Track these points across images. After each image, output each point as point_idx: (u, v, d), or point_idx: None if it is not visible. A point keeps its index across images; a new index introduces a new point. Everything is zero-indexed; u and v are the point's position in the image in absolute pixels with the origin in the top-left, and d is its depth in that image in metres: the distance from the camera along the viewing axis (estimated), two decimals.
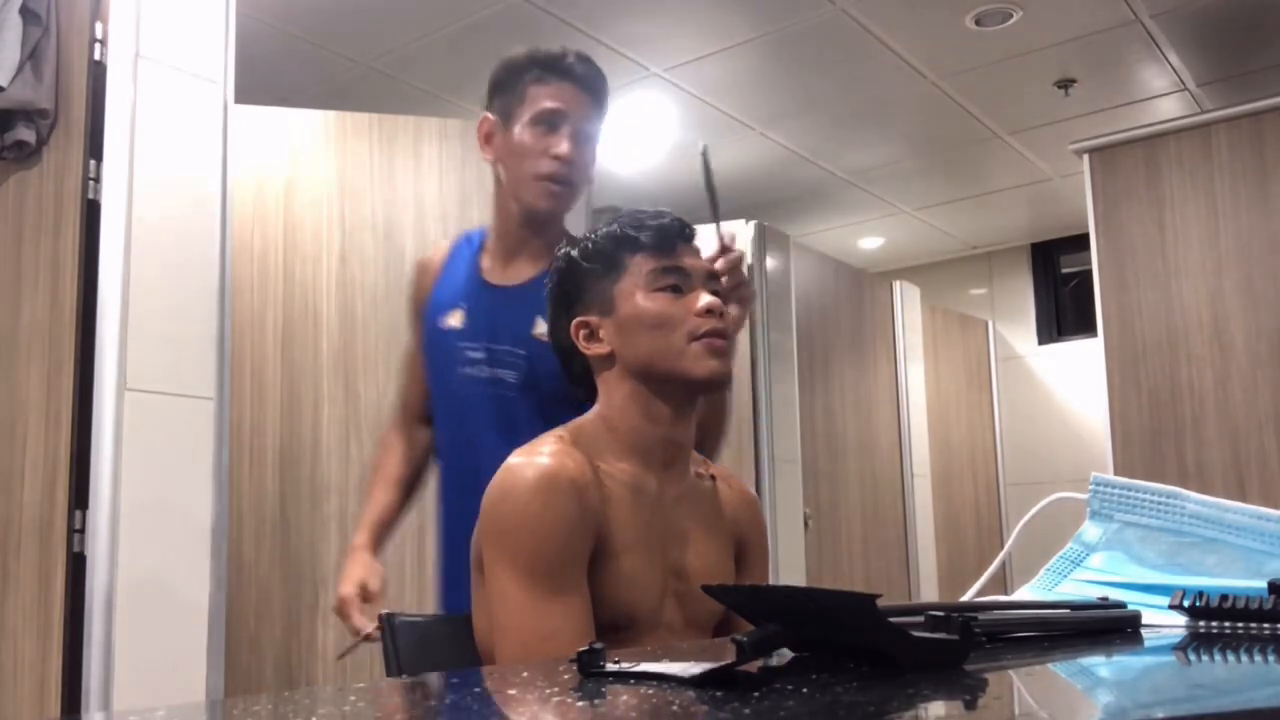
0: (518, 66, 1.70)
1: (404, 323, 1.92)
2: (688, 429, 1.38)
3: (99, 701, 2.18)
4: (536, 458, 1.27)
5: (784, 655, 0.76)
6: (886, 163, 5.00)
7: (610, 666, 0.70)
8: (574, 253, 1.40)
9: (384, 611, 1.37)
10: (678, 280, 1.36)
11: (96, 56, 2.41)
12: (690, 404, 1.37)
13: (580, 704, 0.64)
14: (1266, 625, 0.88)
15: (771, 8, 3.58)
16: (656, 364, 1.33)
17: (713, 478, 1.45)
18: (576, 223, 3.19)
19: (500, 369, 1.66)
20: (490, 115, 1.73)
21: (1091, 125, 4.25)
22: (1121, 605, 0.97)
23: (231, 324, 2.54)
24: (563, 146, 1.66)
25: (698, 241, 1.42)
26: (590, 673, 0.70)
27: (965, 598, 1.15)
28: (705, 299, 1.35)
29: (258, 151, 2.95)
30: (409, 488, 1.85)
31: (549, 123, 1.67)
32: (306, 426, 2.92)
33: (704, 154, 1.57)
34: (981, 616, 0.83)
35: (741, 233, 4.24)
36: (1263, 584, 0.94)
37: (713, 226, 1.56)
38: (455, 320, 1.71)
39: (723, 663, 0.66)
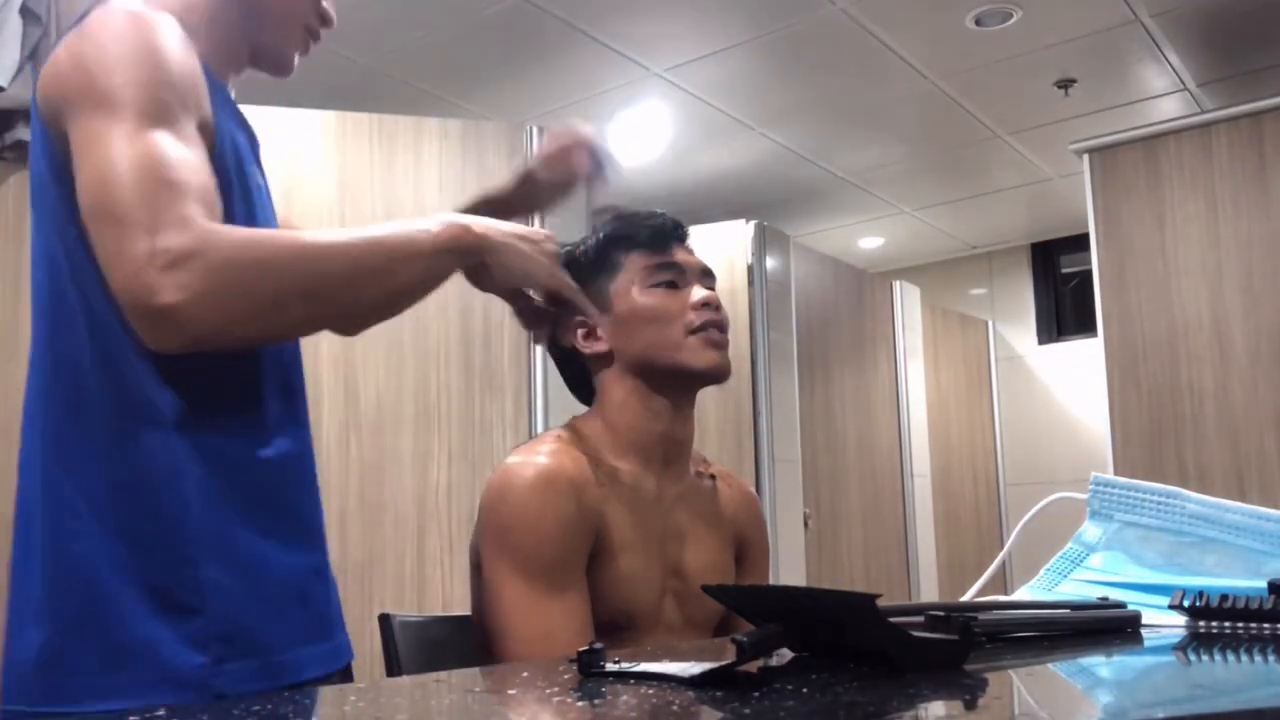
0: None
1: (403, 323, 1.82)
2: (687, 425, 1.38)
3: None
4: (535, 457, 1.27)
5: (784, 655, 0.76)
6: (886, 163, 4.99)
7: (610, 666, 0.70)
8: (569, 254, 1.41)
9: (383, 612, 1.37)
10: (673, 276, 1.36)
11: None
12: (690, 399, 1.38)
13: (580, 704, 0.64)
14: (1266, 625, 0.88)
15: (771, 8, 3.58)
16: (655, 358, 1.33)
17: (712, 477, 1.45)
18: (576, 223, 3.20)
19: None
20: None
21: (1091, 125, 4.25)
22: (1121, 605, 0.97)
23: None
24: None
25: (690, 241, 1.43)
26: (590, 673, 0.70)
27: (965, 598, 1.15)
28: (701, 293, 1.36)
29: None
30: None
31: None
32: None
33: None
34: (981, 616, 0.83)
35: (741, 233, 4.24)
36: (1263, 584, 0.94)
37: (710, 226, 1.56)
38: None
39: (723, 663, 0.66)
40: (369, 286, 1.02)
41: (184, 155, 0.98)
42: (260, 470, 1.08)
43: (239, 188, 1.10)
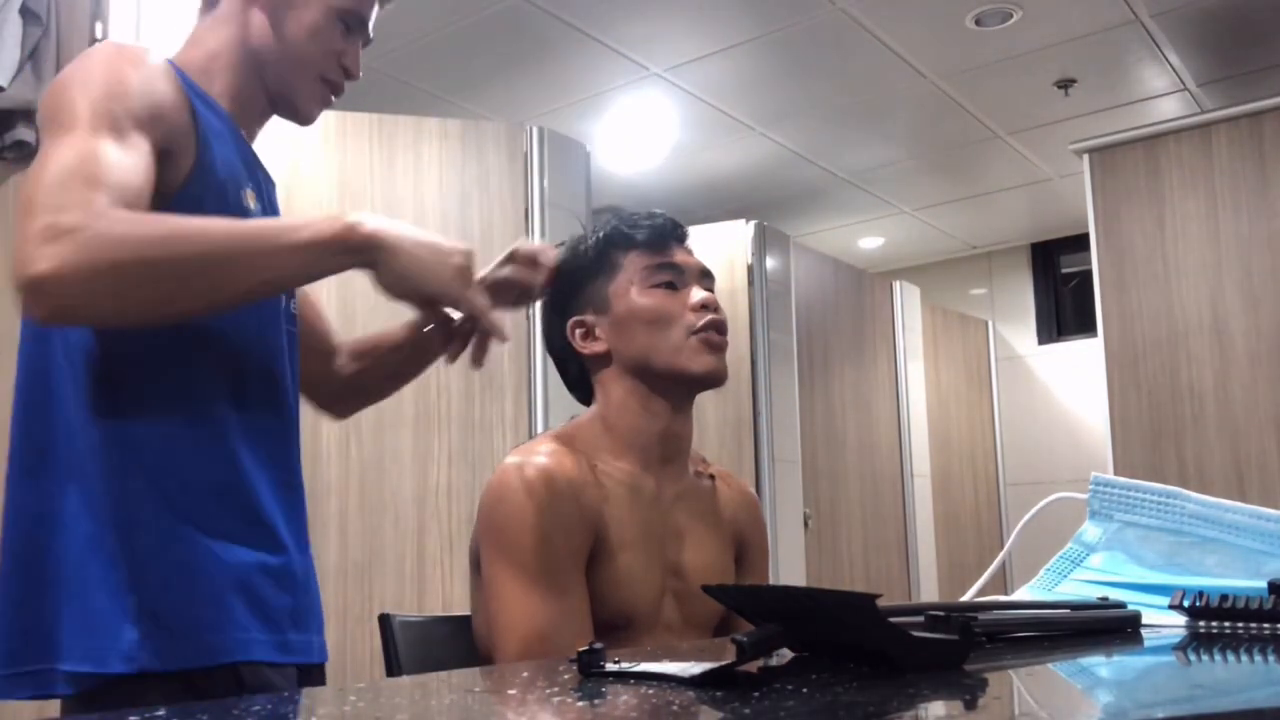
0: None
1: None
2: (686, 424, 1.38)
3: None
4: (534, 457, 1.27)
5: (784, 655, 0.76)
6: (886, 163, 4.99)
7: (610, 666, 0.70)
8: (568, 254, 1.41)
9: (383, 612, 1.37)
10: (672, 277, 1.36)
11: None
12: (688, 399, 1.38)
13: (580, 704, 0.64)
14: (1266, 625, 0.88)
15: (771, 8, 3.58)
16: (654, 359, 1.33)
17: (711, 477, 1.45)
18: (577, 223, 3.20)
19: None
20: None
21: (1091, 125, 4.25)
22: (1121, 605, 0.97)
23: None
24: None
25: (690, 241, 1.43)
26: (590, 673, 0.70)
27: (965, 598, 1.15)
28: (700, 294, 1.36)
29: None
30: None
31: None
32: (306, 427, 2.91)
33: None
34: (981, 616, 0.83)
35: (741, 233, 4.25)
36: (1263, 584, 0.94)
37: (710, 226, 1.56)
38: None
39: (723, 663, 0.66)
40: (239, 272, 1.03)
41: (118, 158, 1.03)
42: (206, 471, 1.12)
43: (224, 213, 1.12)
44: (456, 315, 1.25)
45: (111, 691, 1.04)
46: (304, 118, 1.30)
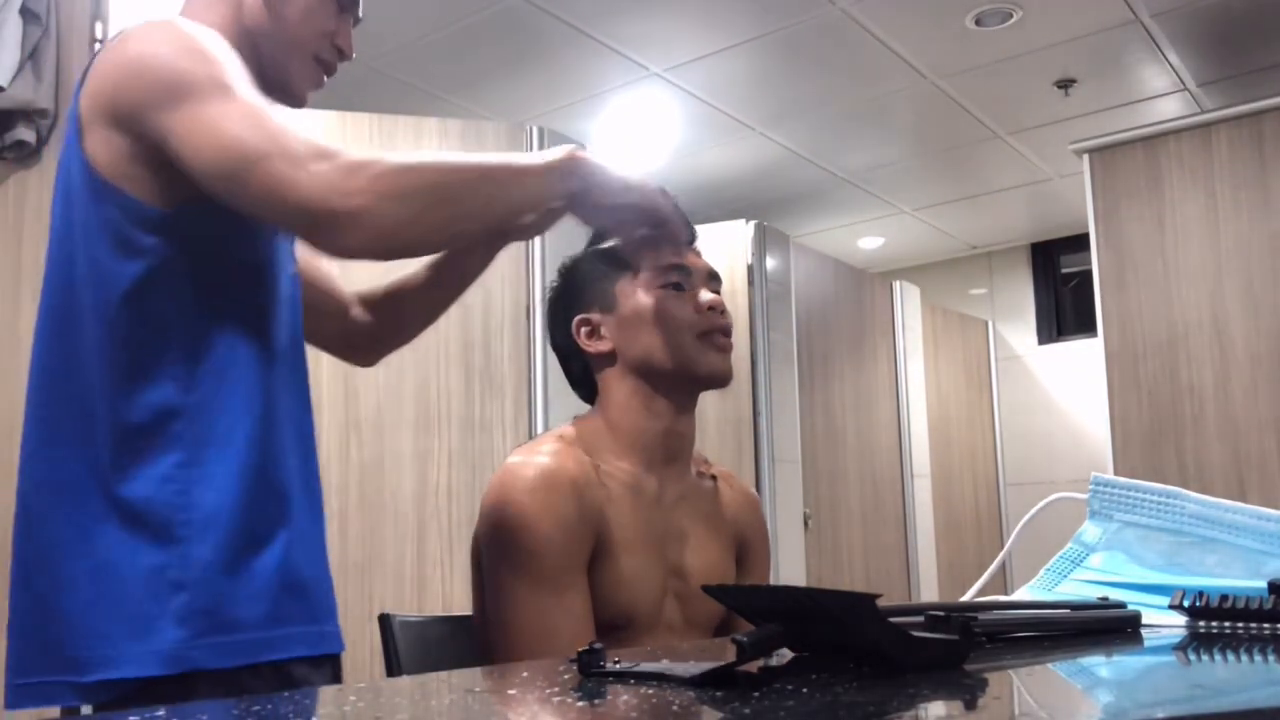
0: None
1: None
2: (689, 425, 1.38)
3: None
4: (536, 457, 1.27)
5: (784, 655, 0.76)
6: (886, 163, 4.99)
7: (610, 666, 0.70)
8: (575, 253, 1.41)
9: (383, 612, 1.37)
10: (679, 278, 1.36)
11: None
12: (692, 399, 1.38)
13: (580, 704, 0.64)
14: (1266, 625, 0.88)
15: (771, 8, 3.58)
16: (659, 360, 1.33)
17: (713, 478, 1.45)
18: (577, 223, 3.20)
19: None
20: None
21: (1091, 125, 4.25)
22: (1121, 605, 0.97)
23: None
24: None
25: (699, 244, 1.43)
26: (590, 673, 0.70)
27: (965, 598, 1.15)
28: (707, 295, 1.36)
29: None
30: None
31: None
32: None
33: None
34: (981, 616, 0.83)
35: (741, 233, 4.25)
36: (1263, 584, 0.94)
37: (710, 226, 1.57)
38: None
39: (723, 663, 0.66)
40: (498, 193, 1.11)
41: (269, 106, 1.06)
42: (257, 451, 1.11)
43: None
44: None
45: (150, 692, 1.01)
46: (297, 99, 1.29)
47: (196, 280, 1.11)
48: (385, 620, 1.35)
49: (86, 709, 1.18)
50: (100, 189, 1.08)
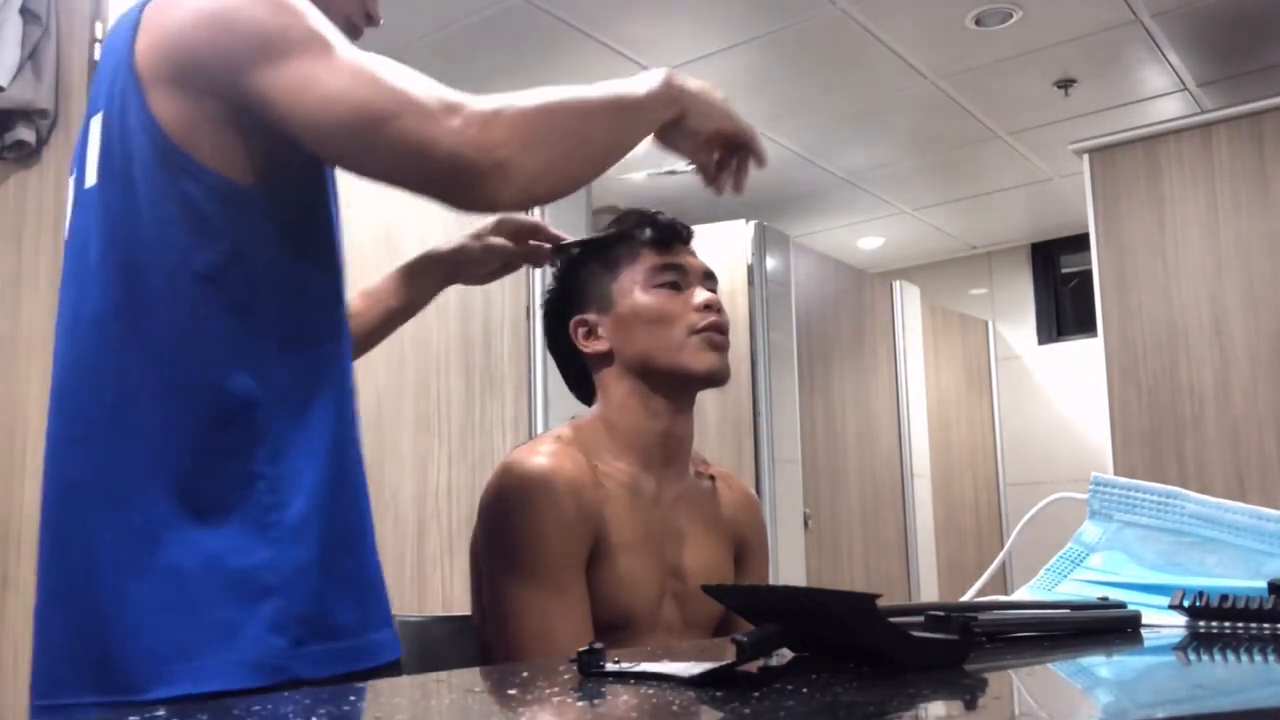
0: None
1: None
2: (687, 425, 1.38)
3: None
4: (534, 457, 1.27)
5: (784, 655, 0.76)
6: (886, 163, 4.99)
7: (610, 666, 0.70)
8: (572, 253, 1.41)
9: None
10: (676, 277, 1.36)
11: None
12: (689, 399, 1.38)
13: (580, 704, 0.64)
14: (1266, 625, 0.88)
15: (771, 8, 3.58)
16: (656, 359, 1.33)
17: (712, 478, 1.45)
18: (577, 223, 3.20)
19: None
20: None
21: (1091, 125, 4.25)
22: (1121, 605, 0.97)
23: None
24: None
25: (694, 243, 1.43)
26: (590, 673, 0.70)
27: (965, 598, 1.15)
28: (703, 294, 1.36)
29: None
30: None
31: None
32: None
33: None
34: (981, 616, 0.83)
35: (741, 233, 4.24)
36: (1263, 584, 0.94)
37: (710, 226, 1.57)
38: None
39: (723, 663, 0.66)
40: (618, 124, 1.11)
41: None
42: (344, 451, 1.04)
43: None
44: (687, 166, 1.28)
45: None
46: None
47: (279, 261, 1.02)
48: None
49: None
50: (174, 159, 0.97)
